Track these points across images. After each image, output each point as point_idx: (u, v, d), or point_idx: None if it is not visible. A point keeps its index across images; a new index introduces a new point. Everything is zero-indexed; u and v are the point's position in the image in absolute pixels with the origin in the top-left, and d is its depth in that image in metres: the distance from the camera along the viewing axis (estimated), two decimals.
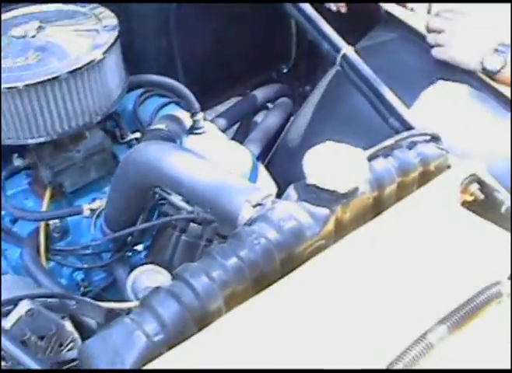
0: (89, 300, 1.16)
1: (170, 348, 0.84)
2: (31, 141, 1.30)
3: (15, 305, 1.07)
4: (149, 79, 1.64)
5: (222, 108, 2.04)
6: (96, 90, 1.32)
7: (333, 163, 0.97)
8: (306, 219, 0.97)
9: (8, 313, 1.07)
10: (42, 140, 1.30)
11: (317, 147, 1.00)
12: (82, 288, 1.43)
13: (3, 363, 1.01)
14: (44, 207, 1.40)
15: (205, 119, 1.62)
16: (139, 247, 1.46)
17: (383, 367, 0.79)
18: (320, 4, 1.63)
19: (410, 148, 1.13)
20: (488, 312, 0.87)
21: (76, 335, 1.13)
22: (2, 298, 1.08)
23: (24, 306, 1.07)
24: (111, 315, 1.15)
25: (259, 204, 1.03)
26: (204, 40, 1.89)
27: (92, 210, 1.39)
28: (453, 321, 0.84)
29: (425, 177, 1.11)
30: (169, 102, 1.63)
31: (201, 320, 0.87)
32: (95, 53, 1.30)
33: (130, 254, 1.46)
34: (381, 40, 1.66)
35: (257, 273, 0.92)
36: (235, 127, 2.05)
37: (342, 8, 1.78)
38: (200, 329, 0.86)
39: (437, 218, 1.04)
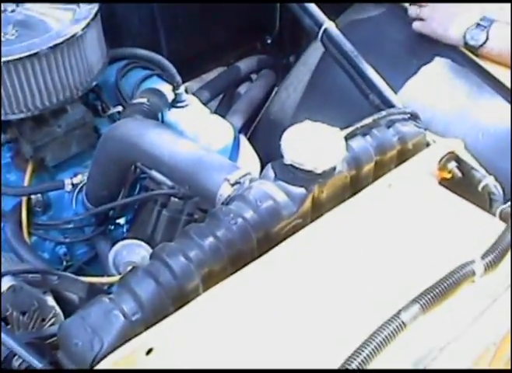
0: (70, 275, 1.17)
1: (148, 327, 0.85)
2: (12, 117, 1.30)
3: None
4: (130, 52, 1.62)
5: (206, 77, 2.03)
6: (76, 65, 1.31)
7: (310, 143, 0.98)
8: (283, 199, 0.97)
9: None
10: (23, 116, 1.29)
11: (294, 126, 1.00)
12: (64, 262, 1.44)
13: None
14: (26, 182, 1.40)
15: (187, 91, 1.61)
16: (121, 221, 1.47)
17: (355, 345, 0.80)
18: None
19: (389, 127, 1.13)
20: (461, 292, 0.89)
21: (58, 310, 1.14)
22: None
23: (6, 282, 1.07)
24: (93, 290, 1.16)
25: (238, 183, 1.03)
26: (187, 10, 1.87)
27: (74, 185, 1.40)
28: (425, 300, 0.85)
29: (403, 155, 1.12)
30: (151, 75, 1.62)
31: (179, 299, 0.88)
32: (75, 27, 1.29)
33: (112, 228, 1.47)
34: (365, 13, 1.64)
35: (234, 253, 0.93)
36: (218, 98, 2.04)
37: None
38: (177, 309, 0.87)
39: (414, 197, 1.05)
